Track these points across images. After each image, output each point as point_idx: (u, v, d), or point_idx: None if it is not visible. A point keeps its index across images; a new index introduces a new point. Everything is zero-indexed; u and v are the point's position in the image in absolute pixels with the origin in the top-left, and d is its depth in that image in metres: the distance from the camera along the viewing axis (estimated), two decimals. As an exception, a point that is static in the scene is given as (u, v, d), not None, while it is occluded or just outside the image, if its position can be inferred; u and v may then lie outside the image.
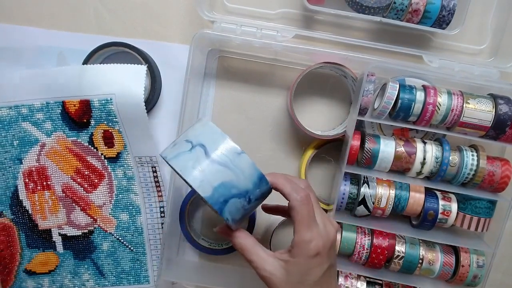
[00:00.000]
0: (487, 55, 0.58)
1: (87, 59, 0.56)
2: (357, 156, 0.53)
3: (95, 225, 0.58)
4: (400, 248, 0.53)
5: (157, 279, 0.56)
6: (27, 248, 0.59)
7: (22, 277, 0.59)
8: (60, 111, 0.55)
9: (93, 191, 0.57)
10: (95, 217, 0.58)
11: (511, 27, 0.55)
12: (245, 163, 0.37)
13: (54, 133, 0.56)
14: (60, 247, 0.59)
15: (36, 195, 0.57)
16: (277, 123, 0.60)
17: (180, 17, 0.59)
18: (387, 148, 0.52)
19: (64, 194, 0.57)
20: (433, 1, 0.51)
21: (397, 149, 0.52)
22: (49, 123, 0.56)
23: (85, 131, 0.56)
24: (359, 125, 0.57)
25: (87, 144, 0.56)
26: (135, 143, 0.56)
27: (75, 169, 0.57)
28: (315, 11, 0.55)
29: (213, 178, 0.36)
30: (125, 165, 0.57)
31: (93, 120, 0.55)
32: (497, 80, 0.54)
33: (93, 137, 0.56)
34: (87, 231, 0.59)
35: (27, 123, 0.56)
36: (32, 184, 0.57)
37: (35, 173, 0.57)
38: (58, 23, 0.59)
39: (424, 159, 0.52)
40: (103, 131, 0.55)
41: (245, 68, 0.60)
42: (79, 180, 0.57)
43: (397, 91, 0.50)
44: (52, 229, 0.58)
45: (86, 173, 0.57)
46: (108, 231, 0.59)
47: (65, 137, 0.56)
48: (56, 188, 0.57)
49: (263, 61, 0.59)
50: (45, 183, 0.57)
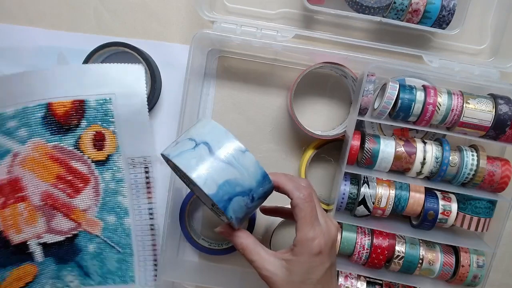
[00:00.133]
0: (487, 55, 0.58)
1: (87, 59, 0.56)
2: (357, 156, 0.53)
3: (79, 229, 0.57)
4: (400, 248, 0.53)
5: (157, 279, 0.56)
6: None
7: None
8: (41, 114, 0.53)
9: (77, 196, 0.56)
10: (79, 221, 0.57)
11: (511, 27, 0.55)
12: (250, 162, 0.37)
13: (30, 140, 0.54)
14: (39, 257, 0.56)
15: (8, 209, 0.54)
16: (277, 123, 0.60)
17: (180, 17, 0.59)
18: (387, 148, 0.52)
19: (43, 202, 0.55)
20: (433, 1, 0.51)
21: (397, 149, 0.52)
22: (24, 130, 0.53)
23: (71, 135, 0.54)
24: (359, 125, 0.57)
25: (72, 148, 0.54)
26: (130, 143, 0.55)
27: (55, 175, 0.55)
28: (315, 11, 0.55)
29: (218, 175, 0.36)
30: (115, 168, 0.56)
31: (85, 121, 0.53)
32: (497, 80, 0.54)
33: (80, 140, 0.54)
34: (71, 235, 0.57)
35: None
36: (2, 198, 0.54)
37: (6, 186, 0.54)
38: (58, 23, 0.59)
39: (424, 159, 0.52)
40: (95, 132, 0.54)
41: (245, 68, 0.60)
42: (61, 186, 0.55)
43: (397, 91, 0.50)
44: (28, 241, 0.56)
45: (68, 178, 0.55)
46: (94, 233, 0.58)
47: (44, 142, 0.54)
48: (33, 198, 0.55)
49: (263, 61, 0.59)
50: (18, 195, 0.54)
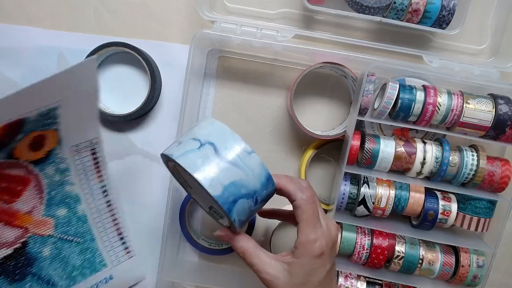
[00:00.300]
0: (487, 55, 0.58)
1: (87, 59, 0.56)
2: (357, 156, 0.53)
3: (27, 235, 0.51)
4: (400, 248, 0.53)
5: (157, 279, 0.56)
6: None
7: None
8: None
9: (17, 200, 0.50)
10: (26, 226, 0.51)
11: (511, 27, 0.55)
12: (255, 163, 0.36)
13: None
14: None
15: None
16: (277, 123, 0.60)
17: (180, 17, 0.59)
18: (387, 148, 0.52)
19: None
20: (433, 1, 0.51)
21: (397, 149, 0.52)
22: None
23: (4, 150, 0.47)
24: (359, 125, 0.57)
25: (3, 160, 0.48)
26: (74, 131, 0.51)
27: None
28: (315, 11, 0.55)
29: (224, 176, 0.35)
30: (57, 160, 0.51)
31: (21, 134, 0.47)
32: (497, 80, 0.54)
33: (15, 150, 0.48)
34: (19, 245, 0.51)
35: None
36: None
37: None
38: (58, 23, 0.59)
39: (424, 159, 0.52)
40: (32, 138, 0.48)
41: (245, 68, 0.60)
42: None
43: (397, 91, 0.50)
44: None
45: (3, 185, 0.49)
46: (46, 234, 0.52)
47: None
48: None
49: (263, 61, 0.59)
50: None
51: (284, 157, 0.60)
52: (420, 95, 0.50)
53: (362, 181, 0.53)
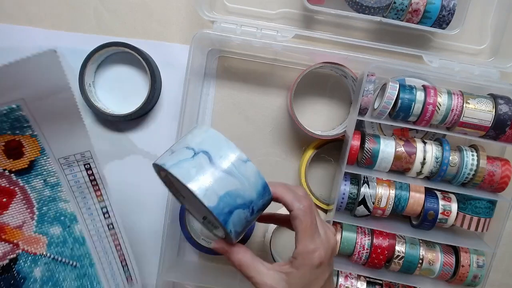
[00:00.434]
0: (487, 55, 0.58)
1: (87, 59, 0.56)
2: (357, 156, 0.53)
3: (17, 251, 0.48)
4: (400, 248, 0.53)
5: (157, 279, 0.56)
6: None
7: None
8: None
9: (4, 212, 0.47)
10: (15, 241, 0.48)
11: (511, 27, 0.55)
12: (251, 172, 0.35)
13: None
14: None
15: None
16: (277, 123, 0.60)
17: (180, 17, 0.59)
18: (387, 148, 0.52)
19: None
20: (433, 1, 0.51)
21: (397, 149, 0.52)
22: None
23: None
24: (359, 125, 0.57)
25: None
26: (59, 142, 0.47)
27: None
28: (315, 11, 0.55)
29: (218, 186, 0.34)
30: (44, 173, 0.48)
31: None
32: (497, 80, 0.54)
33: None
34: (7, 261, 0.47)
35: None
36: None
37: None
38: (58, 23, 0.59)
39: (424, 159, 0.52)
40: (5, 143, 0.45)
41: (245, 68, 0.60)
42: None
43: (397, 91, 0.50)
44: None
45: None
46: (38, 253, 0.48)
47: None
48: None
49: (263, 61, 0.59)
50: None
51: (284, 157, 0.60)
52: (420, 95, 0.50)
53: (362, 181, 0.53)
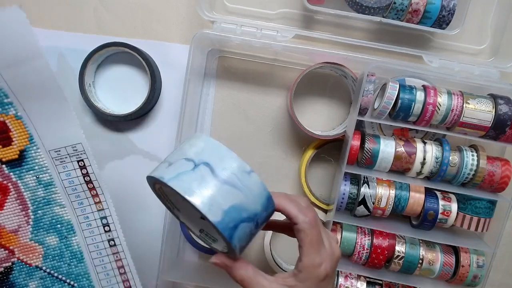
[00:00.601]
0: (487, 55, 0.58)
1: (87, 59, 0.56)
2: (357, 156, 0.53)
3: (13, 259, 0.44)
4: (400, 248, 0.53)
5: (157, 279, 0.56)
6: None
7: None
8: None
9: None
10: (11, 248, 0.44)
11: (511, 27, 0.55)
12: (255, 183, 0.33)
13: None
14: None
15: None
16: (277, 123, 0.60)
17: (180, 17, 0.59)
18: (387, 148, 0.52)
19: None
20: (433, 1, 0.51)
21: (397, 149, 0.52)
22: None
23: None
24: (359, 125, 0.57)
25: None
26: (47, 130, 0.41)
27: None
28: (315, 11, 0.55)
29: (223, 200, 0.32)
30: (36, 167, 0.42)
31: None
32: (497, 80, 0.54)
33: None
34: (2, 269, 0.43)
35: None
36: None
37: None
38: (58, 23, 0.59)
39: (424, 159, 0.52)
40: None
41: (245, 68, 0.60)
42: None
43: (397, 91, 0.50)
44: None
45: None
46: (33, 265, 0.44)
47: None
48: None
49: (263, 61, 0.59)
50: None
51: (284, 157, 0.60)
52: (420, 95, 0.50)
53: (362, 181, 0.53)
